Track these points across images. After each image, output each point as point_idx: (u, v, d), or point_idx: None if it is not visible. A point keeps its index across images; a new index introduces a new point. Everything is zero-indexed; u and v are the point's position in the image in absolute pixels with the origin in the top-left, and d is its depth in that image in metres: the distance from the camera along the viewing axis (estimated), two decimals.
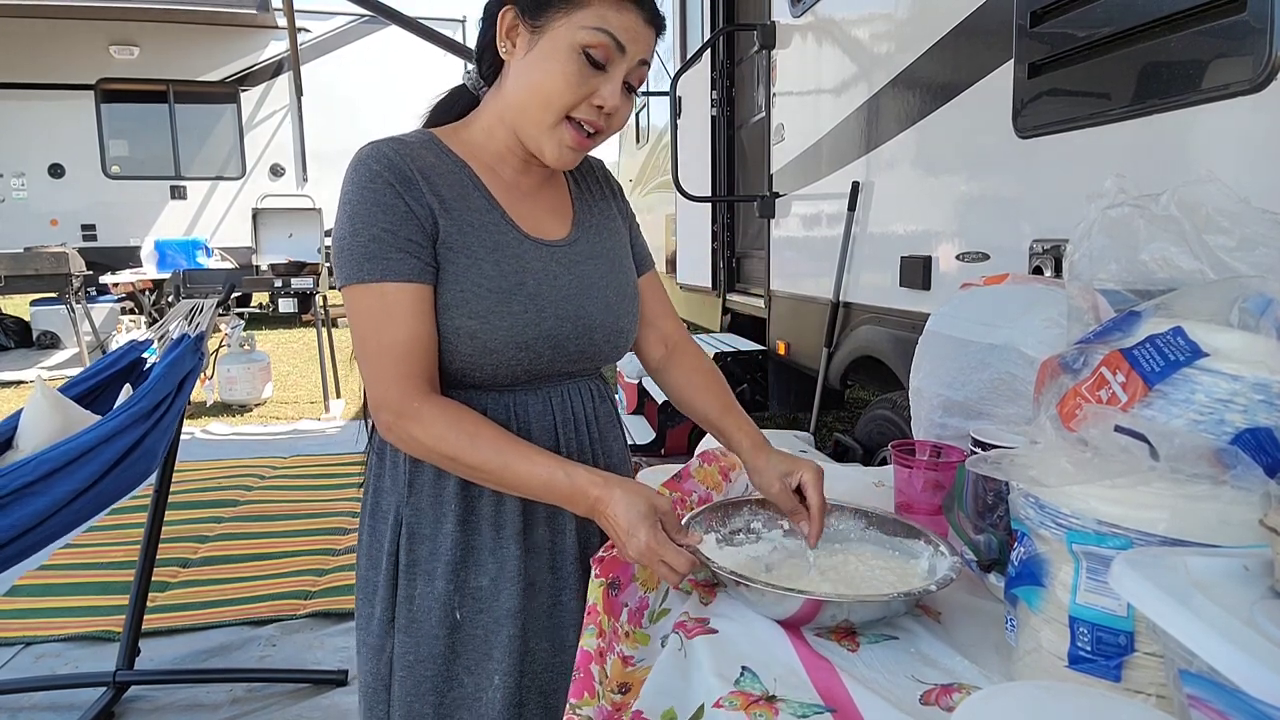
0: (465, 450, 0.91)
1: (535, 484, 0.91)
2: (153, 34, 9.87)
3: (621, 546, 0.87)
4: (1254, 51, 1.16)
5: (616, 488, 0.88)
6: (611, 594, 0.89)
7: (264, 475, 4.11)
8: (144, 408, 1.73)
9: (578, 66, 0.92)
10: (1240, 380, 0.61)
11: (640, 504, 0.86)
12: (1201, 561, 0.53)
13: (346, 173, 0.95)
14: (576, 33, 0.91)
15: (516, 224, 1.01)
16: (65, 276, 6.42)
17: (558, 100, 0.94)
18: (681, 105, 4.71)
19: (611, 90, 0.94)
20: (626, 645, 0.86)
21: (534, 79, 0.95)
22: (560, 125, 0.96)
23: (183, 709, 2.11)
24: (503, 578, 1.02)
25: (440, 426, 0.92)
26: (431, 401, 0.93)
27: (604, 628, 0.84)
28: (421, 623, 1.02)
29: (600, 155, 1.20)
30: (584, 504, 0.90)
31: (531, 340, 0.98)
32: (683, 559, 0.84)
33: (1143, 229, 0.74)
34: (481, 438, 0.92)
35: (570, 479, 0.90)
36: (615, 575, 0.92)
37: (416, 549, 1.03)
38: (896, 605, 0.79)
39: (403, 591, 1.03)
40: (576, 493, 0.89)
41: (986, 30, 1.85)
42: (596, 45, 0.91)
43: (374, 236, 0.92)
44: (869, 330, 2.55)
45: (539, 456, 0.92)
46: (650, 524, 0.85)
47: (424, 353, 0.94)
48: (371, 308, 0.93)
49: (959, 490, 0.92)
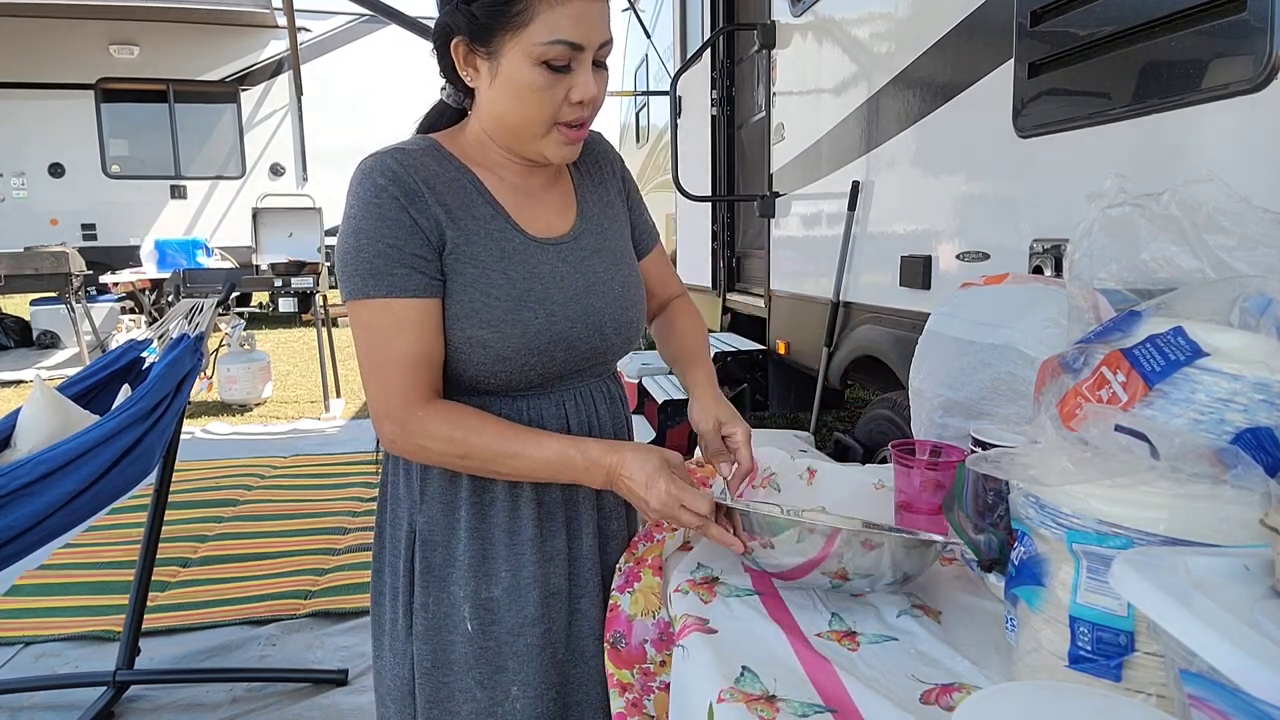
0: (475, 446, 0.93)
1: (551, 464, 0.93)
2: (153, 33, 9.87)
3: (643, 504, 0.90)
4: (1254, 51, 1.16)
5: (628, 451, 0.92)
6: (619, 650, 0.90)
7: (264, 475, 4.11)
8: (143, 407, 1.73)
9: (544, 80, 0.91)
10: (1240, 380, 0.61)
11: (654, 458, 0.90)
12: (1202, 561, 0.53)
13: (350, 185, 0.95)
14: (531, 49, 0.89)
15: (522, 227, 1.01)
16: (65, 276, 6.42)
17: (538, 116, 0.94)
18: (681, 105, 4.71)
19: (583, 84, 0.93)
20: (667, 673, 0.86)
21: (507, 105, 0.94)
22: (550, 132, 0.96)
23: (183, 709, 2.11)
24: (518, 587, 1.01)
25: (445, 428, 0.93)
26: (432, 407, 0.94)
27: (627, 682, 0.85)
28: (437, 631, 1.02)
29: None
30: (600, 474, 0.92)
31: (544, 345, 0.98)
32: (703, 500, 0.86)
33: (1143, 228, 0.74)
34: (488, 431, 0.93)
35: (583, 453, 0.92)
36: (613, 632, 0.93)
37: (430, 556, 1.02)
38: (928, 552, 0.80)
39: (419, 599, 1.03)
40: (591, 464, 0.92)
41: (986, 30, 1.85)
42: (554, 55, 0.90)
43: (379, 252, 0.92)
44: (869, 330, 2.55)
45: (548, 438, 0.94)
46: (666, 474, 0.88)
47: (429, 368, 0.95)
48: (377, 323, 0.93)
49: (959, 490, 0.92)
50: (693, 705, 0.71)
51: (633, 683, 0.85)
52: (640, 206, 1.20)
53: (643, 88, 7.94)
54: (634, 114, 8.74)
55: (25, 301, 7.96)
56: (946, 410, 1.21)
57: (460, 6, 0.91)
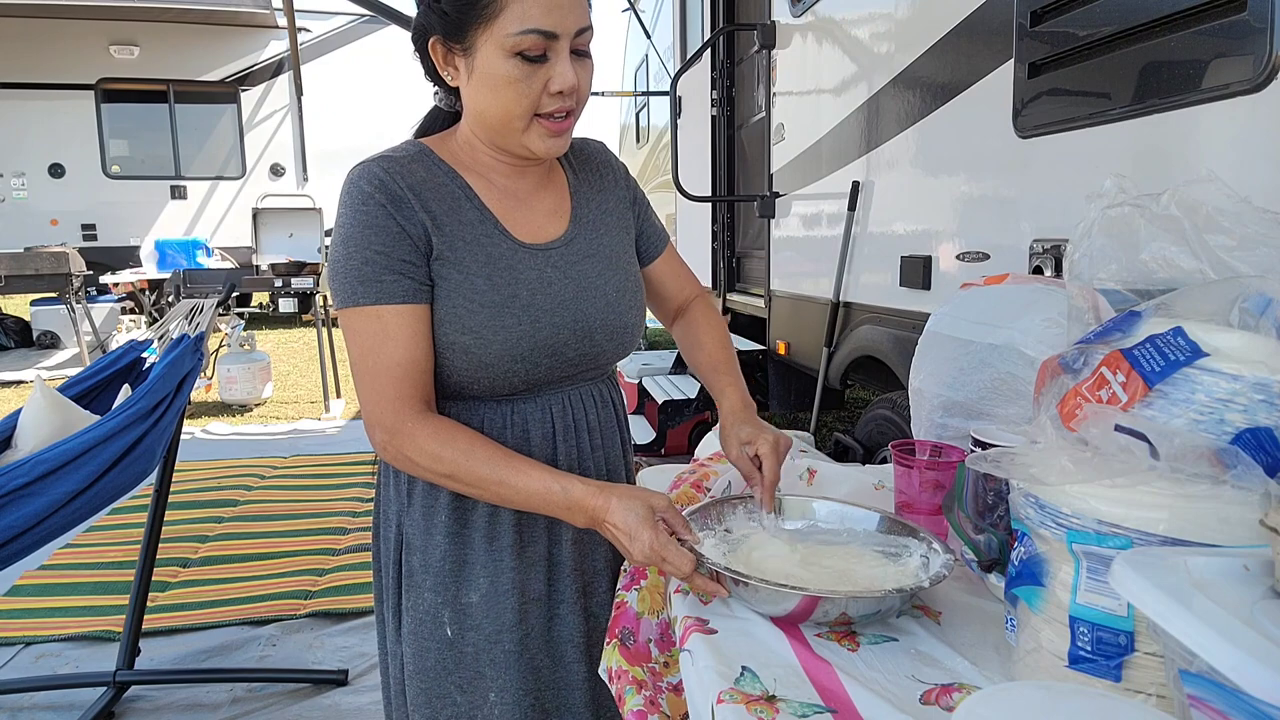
0: (460, 468, 0.91)
1: (532, 499, 0.91)
2: (153, 34, 9.86)
3: (627, 552, 0.87)
4: (1254, 51, 1.16)
5: (613, 496, 0.88)
6: (629, 646, 0.89)
7: (264, 475, 4.11)
8: (143, 408, 1.73)
9: (519, 71, 0.90)
10: (1240, 380, 0.61)
11: (638, 507, 0.86)
12: (1202, 561, 0.53)
13: (340, 195, 0.95)
14: (504, 41, 0.89)
15: (510, 232, 1.00)
16: (65, 276, 6.42)
17: (516, 109, 0.93)
18: (681, 105, 4.71)
19: (561, 73, 0.91)
20: (673, 674, 0.86)
21: (486, 100, 0.94)
22: (531, 125, 0.95)
23: (183, 709, 2.11)
24: (495, 593, 1.01)
25: (435, 445, 0.92)
26: (425, 421, 0.93)
27: (641, 679, 0.84)
28: (418, 634, 1.03)
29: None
30: (583, 516, 0.90)
31: (526, 352, 0.98)
32: (685, 559, 0.83)
33: (1143, 229, 0.74)
34: (476, 456, 0.91)
35: (566, 493, 0.89)
36: (621, 628, 0.92)
37: (411, 560, 1.03)
38: (891, 600, 0.78)
39: (405, 601, 1.04)
40: (573, 505, 0.89)
41: (986, 30, 1.85)
42: (528, 46, 0.89)
43: (367, 259, 0.92)
44: (869, 330, 2.55)
45: (535, 471, 0.91)
46: (651, 525, 0.85)
47: (419, 374, 0.94)
48: (366, 330, 0.93)
49: (959, 490, 0.92)
50: (698, 708, 0.71)
51: (646, 680, 0.85)
52: (649, 212, 1.20)
53: (643, 88, 7.93)
54: (634, 114, 8.74)
55: (25, 302, 7.97)
56: (946, 410, 1.21)
57: (432, 5, 0.91)
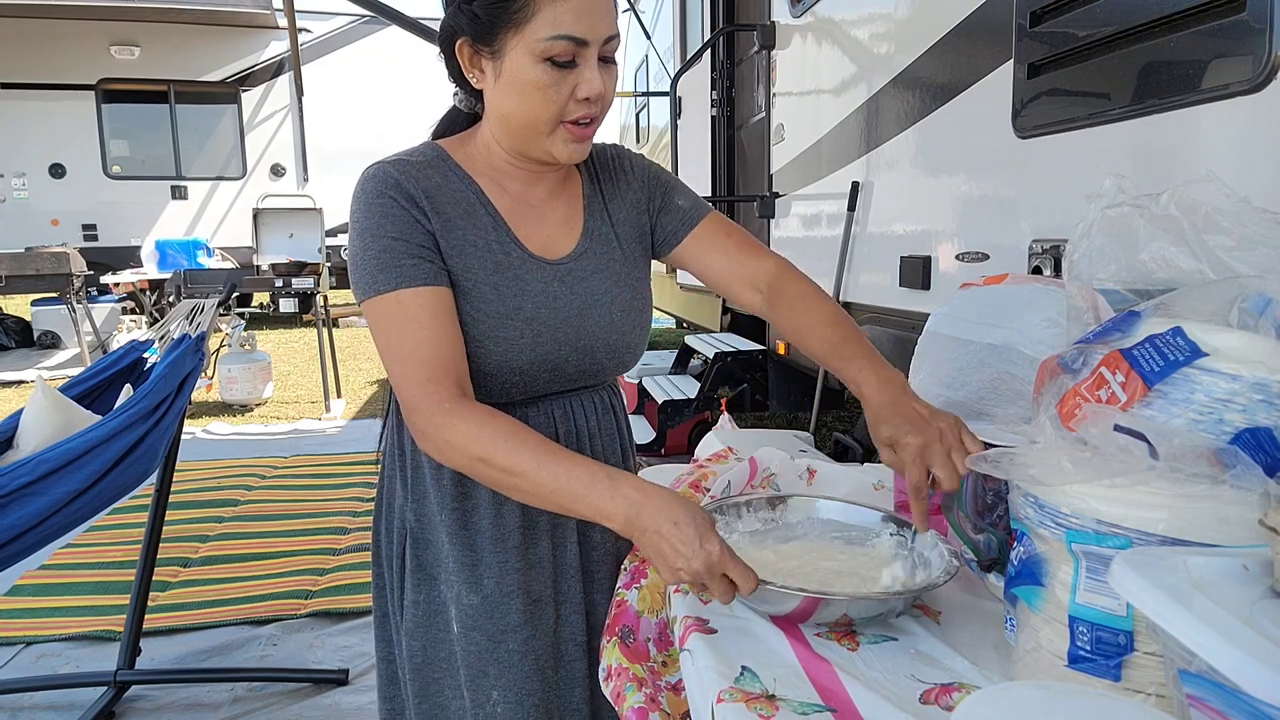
0: (499, 450, 0.84)
1: (573, 485, 0.82)
2: (153, 34, 9.86)
3: (677, 556, 0.77)
4: (1254, 51, 1.16)
5: (670, 496, 0.81)
6: (629, 644, 0.89)
7: (264, 475, 4.11)
8: (144, 408, 1.73)
9: (548, 77, 0.90)
10: (1239, 380, 0.61)
11: (703, 515, 0.79)
12: (1201, 561, 0.53)
13: (353, 194, 0.95)
14: (534, 46, 0.88)
15: (521, 242, 1.00)
16: (66, 276, 6.42)
17: (543, 114, 0.92)
18: (681, 105, 4.71)
19: (589, 80, 0.91)
20: (671, 673, 0.86)
21: (512, 104, 0.93)
22: (556, 130, 0.94)
23: (183, 708, 2.11)
24: (501, 593, 1.01)
25: (473, 426, 0.86)
26: (461, 403, 0.88)
27: (641, 676, 0.84)
28: (425, 628, 1.03)
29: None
30: (623, 515, 0.80)
31: (526, 365, 0.97)
32: (750, 577, 0.76)
33: (1142, 229, 0.74)
34: (516, 438, 0.85)
35: (613, 484, 0.81)
36: (621, 625, 0.92)
37: (421, 555, 1.03)
38: (894, 603, 0.79)
39: (409, 595, 1.04)
40: (619, 499, 0.80)
41: (986, 30, 1.85)
42: (557, 51, 0.88)
43: (385, 247, 0.92)
44: (869, 330, 2.55)
45: (581, 459, 0.85)
46: (719, 536, 0.78)
47: (448, 355, 0.91)
48: (391, 316, 0.91)
49: (959, 490, 0.92)
50: (698, 707, 0.71)
51: (646, 678, 0.84)
52: (672, 193, 1.12)
53: (643, 88, 7.93)
54: (634, 115, 8.74)
55: (26, 302, 7.96)
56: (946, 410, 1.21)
57: (462, 6, 0.91)
